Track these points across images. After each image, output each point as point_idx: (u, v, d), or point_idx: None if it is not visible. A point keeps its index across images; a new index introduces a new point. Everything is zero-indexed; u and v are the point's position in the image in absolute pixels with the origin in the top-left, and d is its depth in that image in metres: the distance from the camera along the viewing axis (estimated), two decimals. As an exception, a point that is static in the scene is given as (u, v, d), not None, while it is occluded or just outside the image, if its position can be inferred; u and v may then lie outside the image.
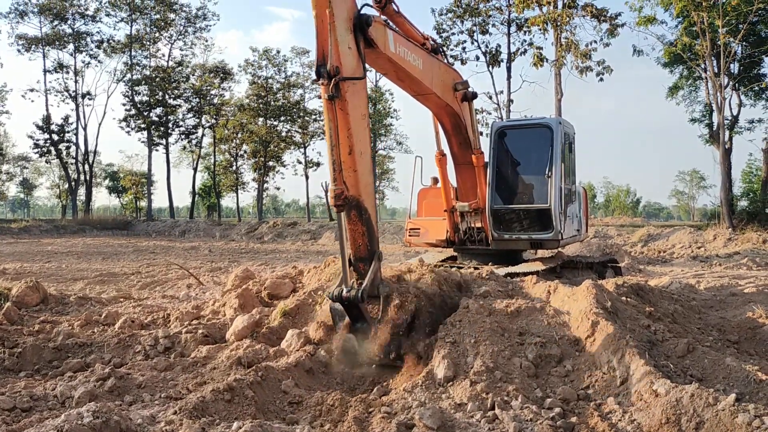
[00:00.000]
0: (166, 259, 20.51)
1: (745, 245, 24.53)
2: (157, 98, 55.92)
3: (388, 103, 58.41)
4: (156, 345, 6.69)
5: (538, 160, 9.78)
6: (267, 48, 56.81)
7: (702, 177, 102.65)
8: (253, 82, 55.55)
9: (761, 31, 36.79)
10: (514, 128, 10.44)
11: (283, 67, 56.61)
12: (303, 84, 57.29)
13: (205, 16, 57.30)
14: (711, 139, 38.35)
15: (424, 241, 10.94)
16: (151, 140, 56.42)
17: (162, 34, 57.48)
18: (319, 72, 5.75)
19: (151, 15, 56.16)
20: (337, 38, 5.84)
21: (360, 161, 6.03)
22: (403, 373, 5.48)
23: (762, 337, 6.44)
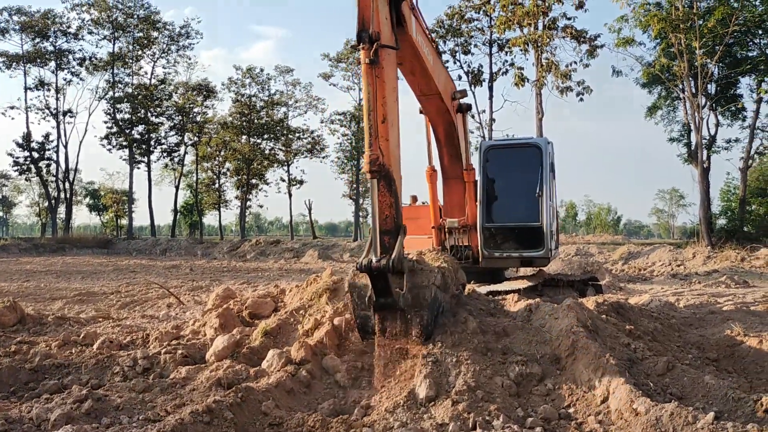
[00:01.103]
0: (146, 278, 20.31)
1: (723, 263, 24.82)
2: (139, 116, 55.72)
3: (371, 122, 58.49)
4: (135, 366, 6.59)
5: (528, 178, 9.91)
6: (251, 66, 56.89)
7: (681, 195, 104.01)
8: (237, 100, 55.59)
9: (737, 53, 37.53)
10: (503, 147, 10.55)
11: (267, 85, 56.76)
12: (286, 102, 57.43)
13: (188, 34, 57.39)
14: (689, 159, 38.90)
15: None
16: (133, 158, 56.10)
17: (145, 52, 57.46)
18: (360, 36, 5.83)
19: (134, 33, 56.16)
20: (378, 5, 6.02)
21: (391, 131, 6.08)
22: (383, 392, 5.45)
23: (740, 354, 6.50)
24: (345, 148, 59.10)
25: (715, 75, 36.97)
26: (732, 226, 40.57)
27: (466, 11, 38.90)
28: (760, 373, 6.06)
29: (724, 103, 38.20)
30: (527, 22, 32.46)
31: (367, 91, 5.77)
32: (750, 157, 39.57)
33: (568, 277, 11.19)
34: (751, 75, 36.91)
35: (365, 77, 5.80)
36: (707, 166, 35.67)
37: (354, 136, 57.34)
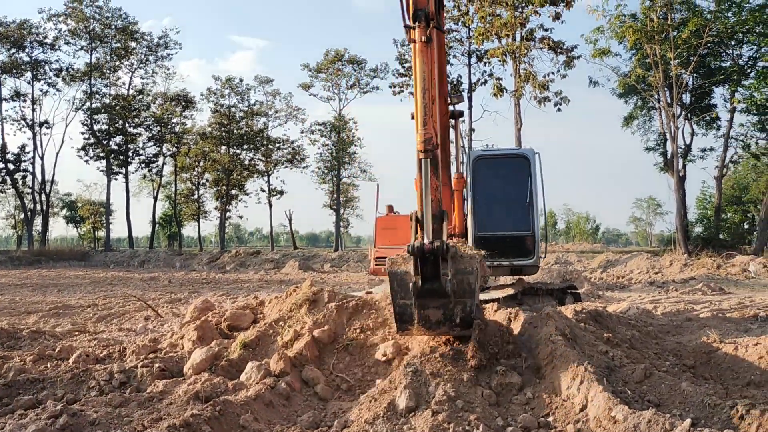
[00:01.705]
0: (123, 290, 20.08)
1: (700, 270, 25.14)
2: (117, 126, 55.28)
3: (351, 131, 58.78)
4: (111, 380, 6.50)
5: (517, 188, 10.10)
6: (230, 77, 56.76)
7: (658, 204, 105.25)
8: (216, 111, 55.43)
9: (710, 63, 38.24)
10: (492, 158, 10.65)
11: (246, 95, 56.66)
12: (266, 112, 57.34)
13: (166, 44, 57.14)
14: (665, 167, 39.46)
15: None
16: (111, 169, 55.56)
17: (122, 63, 57.09)
18: (416, 15, 5.76)
19: (112, 43, 55.76)
20: None
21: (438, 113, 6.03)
22: (363, 402, 5.43)
23: (716, 361, 6.56)
24: (325, 158, 59.12)
25: (690, 85, 37.62)
26: (708, 234, 41.19)
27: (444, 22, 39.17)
28: (736, 380, 6.13)
29: (698, 112, 38.85)
30: (505, 33, 32.78)
31: (422, 70, 5.70)
32: (725, 166, 40.25)
33: (547, 286, 11.24)
34: (725, 85, 37.60)
35: (420, 56, 5.74)
36: (683, 174, 36.21)
37: (334, 146, 57.38)
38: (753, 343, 6.58)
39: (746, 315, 10.62)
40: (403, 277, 5.75)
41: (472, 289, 5.71)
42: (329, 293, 8.10)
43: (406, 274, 5.73)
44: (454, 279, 5.64)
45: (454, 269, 5.64)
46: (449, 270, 5.61)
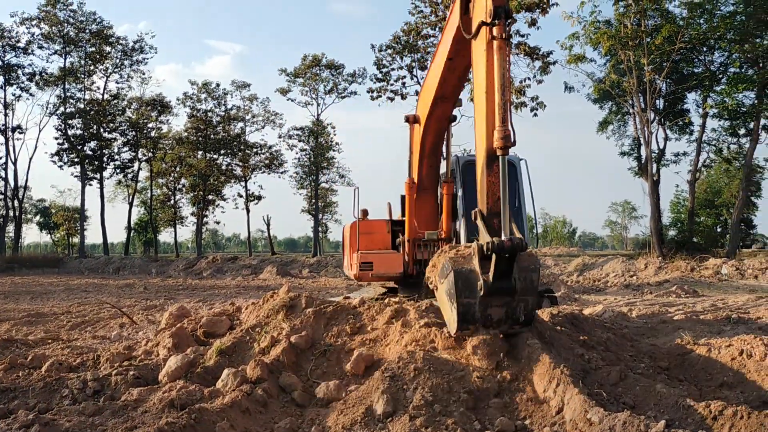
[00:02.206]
0: (98, 297, 19.81)
1: (674, 273, 25.48)
2: (92, 132, 54.60)
3: (330, 136, 58.77)
4: (84, 388, 6.40)
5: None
6: (206, 81, 56.43)
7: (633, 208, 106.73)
8: (192, 115, 55.05)
9: (683, 69, 38.88)
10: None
11: (223, 100, 56.36)
12: (243, 117, 57.09)
13: (142, 49, 56.65)
14: (640, 172, 39.99)
15: (378, 275, 10.53)
16: (85, 174, 54.85)
17: (97, 67, 56.40)
18: (497, 11, 5.75)
19: (86, 48, 55.06)
20: None
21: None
22: (341, 408, 5.40)
23: (690, 363, 6.65)
24: (303, 163, 58.96)
25: (663, 90, 38.20)
26: (682, 238, 41.79)
27: (422, 28, 39.35)
28: (710, 381, 6.21)
29: (672, 117, 39.48)
30: (482, 38, 32.99)
31: (501, 67, 5.69)
32: (697, 170, 40.90)
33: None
34: (697, 90, 38.25)
35: (499, 53, 5.73)
36: (657, 179, 36.70)
37: (312, 151, 57.27)
38: (726, 345, 6.68)
39: (719, 317, 10.77)
40: (468, 275, 5.71)
41: (535, 287, 5.76)
42: (307, 299, 8.06)
43: (472, 273, 5.71)
44: (521, 276, 5.67)
45: (519, 266, 5.65)
46: (515, 267, 5.64)
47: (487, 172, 5.93)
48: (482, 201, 5.96)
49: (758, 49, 34.97)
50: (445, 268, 6.01)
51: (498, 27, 5.78)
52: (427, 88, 8.87)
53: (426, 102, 8.95)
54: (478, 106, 6.12)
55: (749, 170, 37.83)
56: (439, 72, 8.02)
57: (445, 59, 7.72)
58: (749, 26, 34.32)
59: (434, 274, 6.49)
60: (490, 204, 5.96)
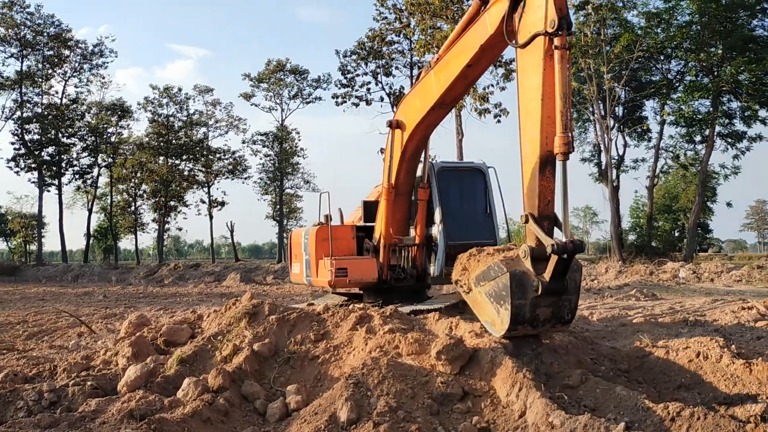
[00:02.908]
0: (56, 306, 19.33)
1: (633, 277, 25.97)
2: (50, 137, 53.31)
3: (294, 141, 58.52)
4: (40, 400, 6.23)
5: (476, 199, 10.60)
6: (168, 86, 55.66)
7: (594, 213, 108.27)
8: (154, 120, 54.21)
9: (642, 77, 39.76)
10: (453, 170, 10.86)
11: (186, 105, 55.66)
12: (206, 122, 56.47)
13: (102, 52, 55.56)
14: (600, 178, 40.73)
15: (354, 281, 10.29)
16: (43, 180, 53.50)
17: (55, 71, 55.13)
18: (561, 23, 5.89)
19: (44, 51, 53.81)
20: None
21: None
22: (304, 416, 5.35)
23: (649, 365, 6.77)
24: (268, 168, 58.56)
25: (622, 98, 39.00)
26: (641, 242, 42.64)
27: (386, 34, 39.52)
28: (668, 383, 6.33)
29: (631, 124, 40.32)
30: (445, 45, 33.26)
31: (564, 76, 5.86)
32: (656, 176, 41.81)
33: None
34: (655, 98, 39.12)
35: (561, 62, 5.90)
36: (617, 184, 37.41)
37: (277, 157, 56.92)
38: (683, 347, 6.82)
39: (677, 320, 11.00)
40: (522, 277, 5.84)
41: (579, 286, 6.09)
42: (270, 306, 7.99)
43: (525, 275, 5.84)
44: (569, 276, 5.90)
45: None
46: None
47: (540, 176, 6.07)
48: (532, 204, 6.10)
49: (713, 58, 35.97)
50: (493, 271, 6.13)
51: (561, 37, 5.95)
52: (424, 94, 8.79)
53: (418, 108, 8.92)
54: (532, 113, 6.23)
55: (705, 176, 38.82)
56: (450, 78, 7.99)
57: (464, 66, 7.70)
58: (704, 36, 35.29)
59: (466, 277, 6.65)
60: (542, 207, 6.08)
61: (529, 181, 6.25)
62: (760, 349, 7.38)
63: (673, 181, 52.46)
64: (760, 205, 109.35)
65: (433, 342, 6.25)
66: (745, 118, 37.63)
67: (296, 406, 5.77)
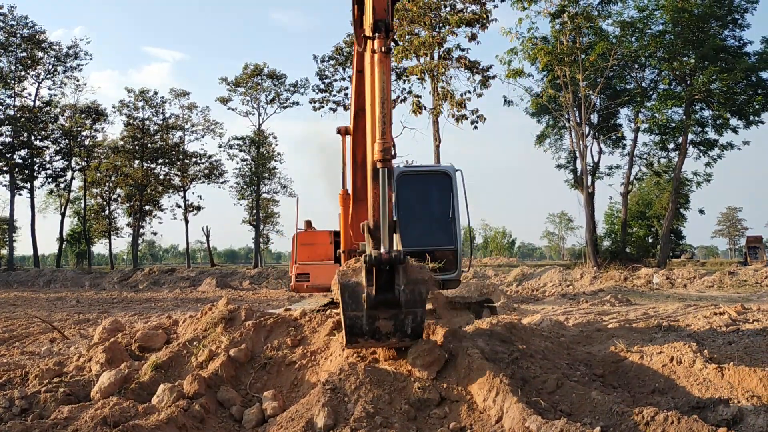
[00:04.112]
0: (27, 311, 19.00)
1: (608, 282, 26.25)
2: (22, 139, 52.46)
3: (272, 146, 58.27)
4: (11, 407, 6.11)
5: (440, 204, 10.30)
6: (144, 89, 55.12)
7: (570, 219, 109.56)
8: (129, 124, 53.66)
9: (616, 85, 40.31)
10: (415, 174, 10.73)
11: (162, 108, 55.17)
12: (182, 126, 56.01)
13: (76, 55, 54.88)
14: (576, 184, 41.17)
15: (315, 286, 10.62)
16: (14, 184, 52.61)
17: (29, 73, 54.29)
18: (377, 25, 5.77)
19: (17, 53, 53.00)
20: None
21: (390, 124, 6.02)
22: (281, 422, 5.32)
23: (624, 370, 6.83)
24: (244, 173, 58.23)
25: (598, 106, 39.50)
26: (615, 248, 43.12)
27: (364, 40, 39.53)
28: (642, 387, 6.40)
29: (605, 132, 40.83)
30: (423, 52, 33.40)
31: (381, 80, 5.72)
32: (630, 183, 42.35)
33: (465, 299, 11.39)
34: (629, 106, 39.65)
35: (380, 66, 5.73)
36: (592, 191, 37.82)
37: (254, 161, 56.63)
38: (657, 352, 6.90)
39: (651, 325, 11.11)
40: (355, 288, 5.62)
41: (423, 299, 5.71)
42: (246, 311, 7.93)
43: (358, 286, 5.62)
44: (407, 289, 5.60)
45: (407, 279, 5.61)
46: (401, 280, 5.58)
47: (373, 184, 5.91)
48: (369, 214, 5.98)
49: (686, 66, 36.58)
50: (333, 281, 5.98)
51: (378, 40, 5.81)
52: (352, 100, 8.94)
53: (351, 113, 9.07)
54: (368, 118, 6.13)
55: (678, 183, 39.42)
56: (354, 84, 8.07)
57: (355, 71, 7.77)
58: (677, 45, 35.90)
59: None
60: (376, 217, 5.90)
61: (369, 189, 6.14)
62: (731, 354, 7.49)
63: (647, 187, 53.21)
64: (731, 212, 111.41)
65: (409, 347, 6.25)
66: (717, 127, 38.32)
67: (273, 412, 5.73)
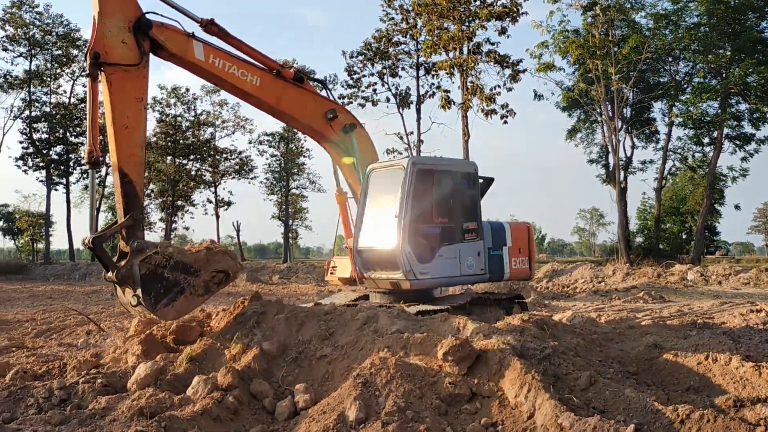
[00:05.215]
0: (64, 304, 19.42)
1: (641, 279, 25.88)
2: (58, 136, 53.51)
3: (300, 142, 58.55)
4: (50, 397, 6.28)
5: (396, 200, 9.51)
6: (176, 86, 55.80)
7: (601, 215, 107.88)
8: (161, 120, 54.33)
9: (650, 79, 39.61)
10: (381, 168, 10.19)
11: (193, 105, 55.76)
12: (213, 122, 56.57)
13: (110, 52, 55.62)
14: (608, 179, 40.61)
15: (337, 278, 11.13)
16: (51, 179, 53.72)
17: (64, 70, 55.30)
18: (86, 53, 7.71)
19: (53, 50, 54.04)
20: (102, 31, 7.90)
21: (123, 133, 8.12)
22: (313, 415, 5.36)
23: (658, 367, 6.76)
24: (274, 169, 58.63)
25: (630, 99, 38.85)
26: (648, 244, 42.49)
27: (393, 35, 39.48)
28: (677, 385, 6.32)
29: (638, 126, 40.14)
30: (452, 46, 33.20)
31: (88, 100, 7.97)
32: (663, 178, 41.62)
33: (495, 296, 11.34)
34: (663, 99, 38.95)
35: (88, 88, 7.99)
36: (624, 186, 37.27)
37: (283, 157, 57.00)
38: (692, 350, 6.81)
39: (685, 322, 10.97)
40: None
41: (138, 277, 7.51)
42: (278, 305, 8.02)
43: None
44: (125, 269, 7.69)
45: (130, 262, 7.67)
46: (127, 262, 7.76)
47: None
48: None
49: (721, 59, 35.80)
50: None
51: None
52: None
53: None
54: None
55: (713, 178, 38.66)
56: None
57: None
58: (712, 37, 35.15)
59: None
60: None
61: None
62: (769, 352, 7.36)
63: (680, 183, 52.26)
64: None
65: (439, 343, 6.26)
66: (754, 121, 37.46)
67: (304, 404, 5.79)
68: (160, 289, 7.69)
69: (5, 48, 53.00)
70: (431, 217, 9.72)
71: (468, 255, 10.08)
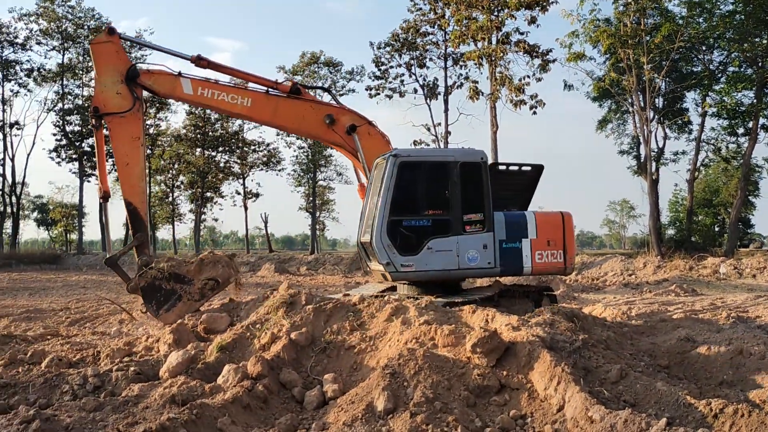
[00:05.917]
0: (97, 293, 19.81)
1: (672, 272, 25.50)
2: (90, 128, 54.37)
3: (327, 134, 58.54)
4: (85, 384, 6.41)
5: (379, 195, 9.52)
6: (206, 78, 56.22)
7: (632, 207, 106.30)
8: (191, 113, 54.86)
9: (683, 68, 38.83)
10: (381, 162, 10.06)
11: (222, 97, 56.11)
12: (242, 114, 56.90)
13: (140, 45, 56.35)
14: (639, 171, 39.99)
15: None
16: (83, 171, 54.70)
17: (96, 63, 56.12)
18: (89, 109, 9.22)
19: (85, 44, 54.81)
20: (99, 87, 10.19)
21: (125, 170, 10.36)
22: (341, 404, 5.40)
23: (690, 361, 6.66)
24: (301, 161, 58.91)
25: (663, 89, 38.14)
26: (680, 237, 41.79)
27: (421, 25, 39.29)
28: (709, 379, 6.22)
29: (671, 116, 39.43)
30: (481, 36, 32.95)
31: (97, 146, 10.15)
32: (696, 169, 40.84)
33: (524, 288, 11.27)
34: (696, 89, 38.16)
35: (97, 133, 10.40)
36: (656, 177, 36.65)
37: (310, 149, 57.22)
38: (725, 344, 6.70)
39: (718, 316, 10.79)
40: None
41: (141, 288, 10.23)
42: (306, 295, 8.07)
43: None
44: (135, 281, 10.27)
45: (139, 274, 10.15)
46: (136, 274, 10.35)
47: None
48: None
49: (757, 48, 34.95)
50: None
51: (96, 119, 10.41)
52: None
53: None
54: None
55: (747, 169, 37.83)
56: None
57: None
58: (748, 26, 34.30)
59: None
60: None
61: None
62: (805, 347, 7.19)
63: (714, 174, 51.23)
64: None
65: (468, 334, 6.24)
66: (791, 111, 36.58)
67: (333, 394, 5.83)
68: (160, 297, 9.82)
69: (39, 42, 54.07)
70: (417, 209, 9.68)
71: (470, 248, 9.76)
